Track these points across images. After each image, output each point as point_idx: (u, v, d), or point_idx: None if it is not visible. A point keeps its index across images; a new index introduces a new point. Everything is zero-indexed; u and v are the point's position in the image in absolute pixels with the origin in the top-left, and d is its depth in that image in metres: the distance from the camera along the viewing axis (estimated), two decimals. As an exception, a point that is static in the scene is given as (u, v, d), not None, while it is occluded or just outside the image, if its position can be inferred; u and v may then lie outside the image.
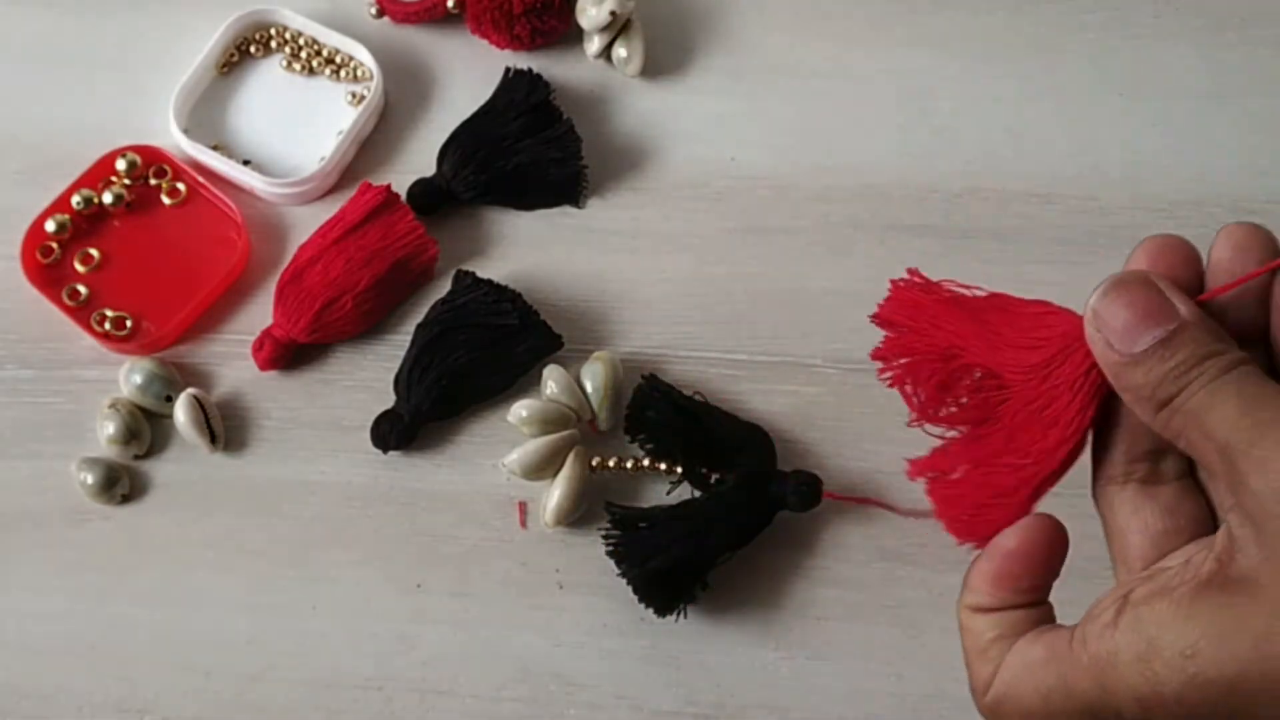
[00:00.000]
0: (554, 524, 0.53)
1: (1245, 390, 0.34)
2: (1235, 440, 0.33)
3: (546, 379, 0.54)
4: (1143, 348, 0.35)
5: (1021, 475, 0.39)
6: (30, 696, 0.51)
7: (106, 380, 0.56)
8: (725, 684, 0.51)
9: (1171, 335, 0.35)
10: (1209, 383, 0.34)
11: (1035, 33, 0.64)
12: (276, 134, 0.61)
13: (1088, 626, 0.35)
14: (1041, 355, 0.39)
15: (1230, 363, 0.35)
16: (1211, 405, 0.34)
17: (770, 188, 0.60)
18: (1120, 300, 0.36)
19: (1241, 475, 0.33)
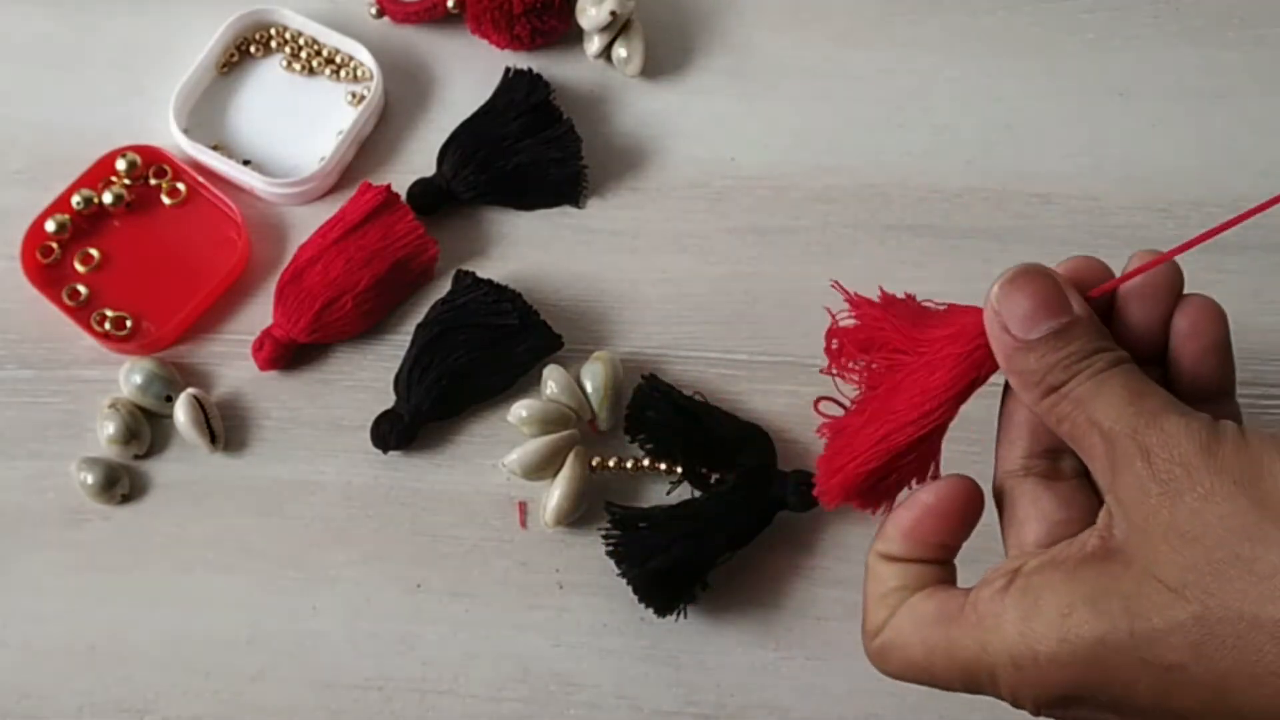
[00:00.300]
0: (554, 524, 0.53)
1: (1131, 383, 0.36)
2: (1120, 426, 0.36)
3: (546, 379, 0.54)
4: (1038, 335, 0.38)
5: (880, 433, 0.42)
6: (30, 696, 0.51)
7: (106, 380, 0.56)
8: (725, 684, 0.51)
9: (1066, 327, 0.38)
10: (1098, 373, 0.37)
11: (1035, 33, 0.64)
12: (276, 134, 0.61)
13: (980, 591, 0.37)
14: (943, 333, 0.42)
15: (1117, 358, 0.37)
16: (1099, 393, 0.36)
17: (770, 188, 0.60)
18: (1022, 289, 0.38)
19: (1122, 458, 0.35)
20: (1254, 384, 0.56)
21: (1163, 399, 0.36)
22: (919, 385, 0.42)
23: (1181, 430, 0.35)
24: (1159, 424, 0.35)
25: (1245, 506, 0.33)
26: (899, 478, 0.42)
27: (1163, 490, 0.34)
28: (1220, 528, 0.33)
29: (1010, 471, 0.41)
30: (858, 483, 0.42)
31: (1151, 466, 0.35)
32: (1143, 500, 0.35)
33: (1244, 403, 0.55)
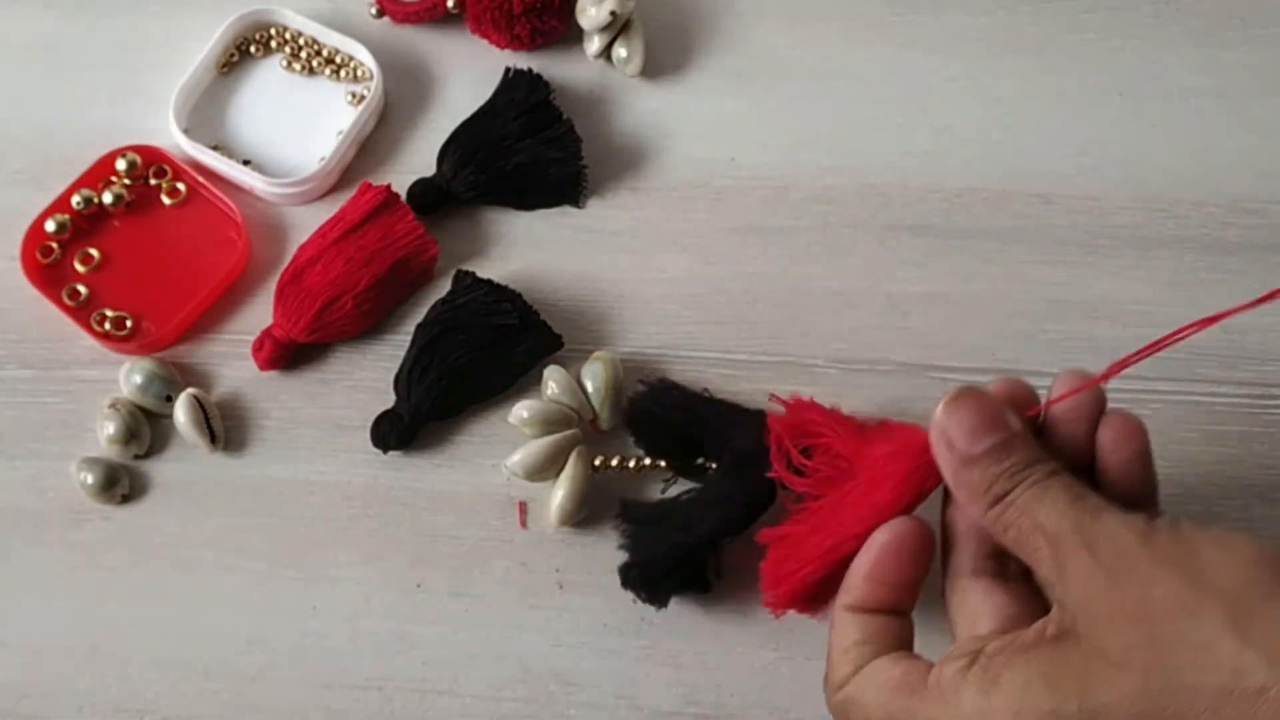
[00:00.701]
0: (559, 524, 0.53)
1: (1070, 488, 0.40)
2: (1064, 526, 0.39)
3: (547, 380, 0.54)
4: (982, 449, 0.41)
5: (826, 543, 0.45)
6: (30, 696, 0.51)
7: (106, 380, 0.56)
8: (725, 684, 0.51)
9: (1006, 441, 0.41)
10: (1038, 481, 0.40)
11: (1035, 33, 0.64)
12: (276, 134, 0.61)
13: (943, 668, 0.40)
14: (885, 450, 0.45)
15: (1054, 469, 0.41)
16: (1042, 499, 0.40)
17: (770, 188, 0.60)
18: (965, 407, 0.42)
19: (1068, 554, 0.38)
20: (1254, 384, 0.56)
21: (1099, 500, 0.40)
22: (865, 500, 0.45)
23: (1120, 524, 0.38)
24: (1100, 520, 0.39)
25: (1181, 586, 0.36)
26: (835, 579, 0.45)
27: (1107, 577, 0.37)
28: (1160, 607, 0.36)
29: (960, 573, 0.44)
30: (805, 590, 0.46)
31: (1096, 557, 0.38)
32: (1089, 587, 0.38)
33: (1244, 403, 0.56)
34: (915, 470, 0.44)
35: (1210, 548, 0.37)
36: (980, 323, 0.57)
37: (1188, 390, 0.56)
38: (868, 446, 0.46)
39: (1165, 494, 0.53)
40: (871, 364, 0.57)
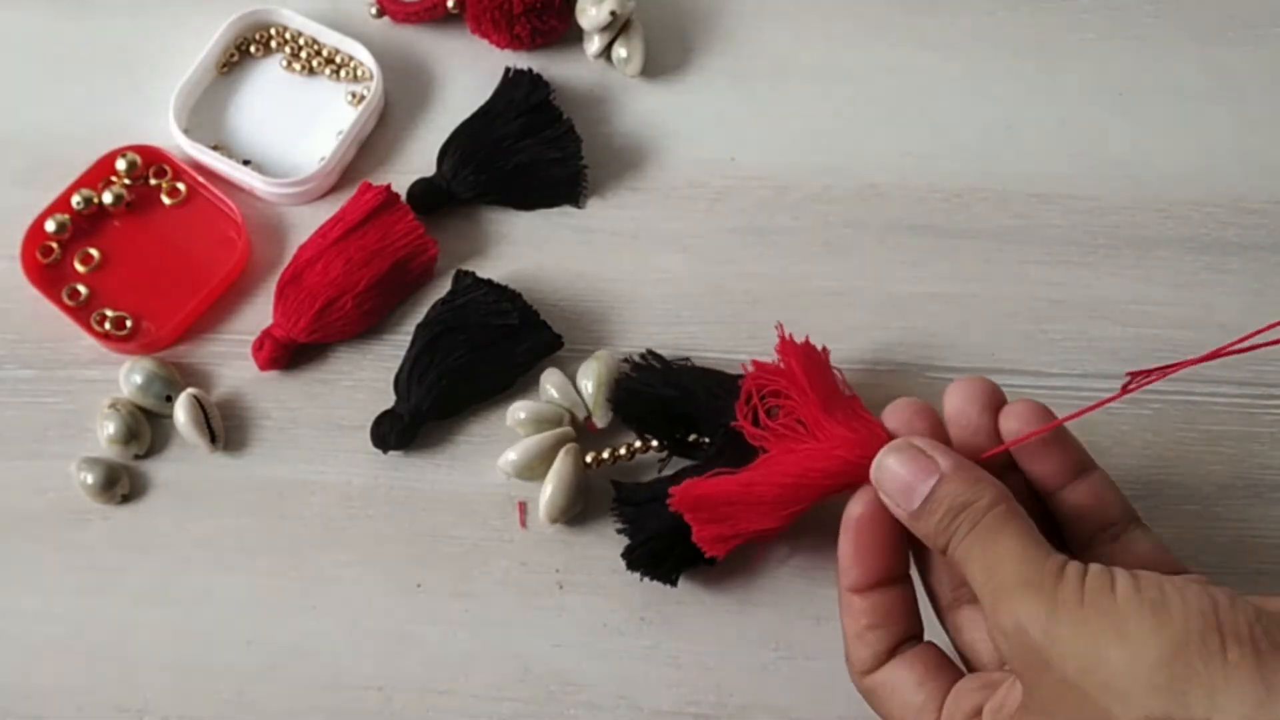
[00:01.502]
0: (549, 520, 0.53)
1: (990, 550, 0.40)
2: (982, 595, 0.40)
3: (544, 382, 0.55)
4: (917, 505, 0.42)
5: (748, 477, 0.47)
6: (30, 696, 0.51)
7: (106, 380, 0.56)
8: (725, 684, 0.51)
9: (933, 490, 0.42)
10: (963, 539, 0.41)
11: (1035, 33, 0.64)
12: (276, 134, 0.61)
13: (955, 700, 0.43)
14: (841, 433, 0.46)
15: (979, 512, 0.41)
16: (968, 559, 0.41)
17: (770, 188, 0.60)
18: (893, 465, 0.43)
19: (992, 625, 0.40)
20: (1254, 384, 0.56)
21: (1014, 565, 0.39)
22: (802, 464, 0.47)
23: (1023, 610, 0.38)
24: (1006, 605, 0.39)
25: (1085, 632, 0.37)
26: (742, 516, 0.47)
27: (1022, 655, 0.38)
28: (1069, 659, 0.37)
29: (947, 605, 0.46)
30: (706, 500, 0.47)
31: (1005, 638, 0.39)
32: (1011, 655, 0.39)
33: (1244, 403, 0.56)
34: (853, 467, 0.45)
35: (1133, 619, 0.36)
36: (980, 323, 0.57)
37: (1188, 390, 0.56)
38: (828, 420, 0.47)
39: (1166, 494, 0.54)
40: (871, 364, 0.57)
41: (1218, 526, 0.53)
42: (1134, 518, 0.45)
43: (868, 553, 0.45)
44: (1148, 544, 0.44)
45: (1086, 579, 0.38)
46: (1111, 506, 0.45)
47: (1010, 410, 0.44)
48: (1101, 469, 0.45)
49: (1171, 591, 0.37)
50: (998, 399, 0.45)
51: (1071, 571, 0.38)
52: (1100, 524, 0.45)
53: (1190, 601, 0.36)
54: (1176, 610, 0.36)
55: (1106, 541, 0.45)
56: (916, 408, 0.46)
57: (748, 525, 0.47)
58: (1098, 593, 0.37)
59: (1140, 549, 0.44)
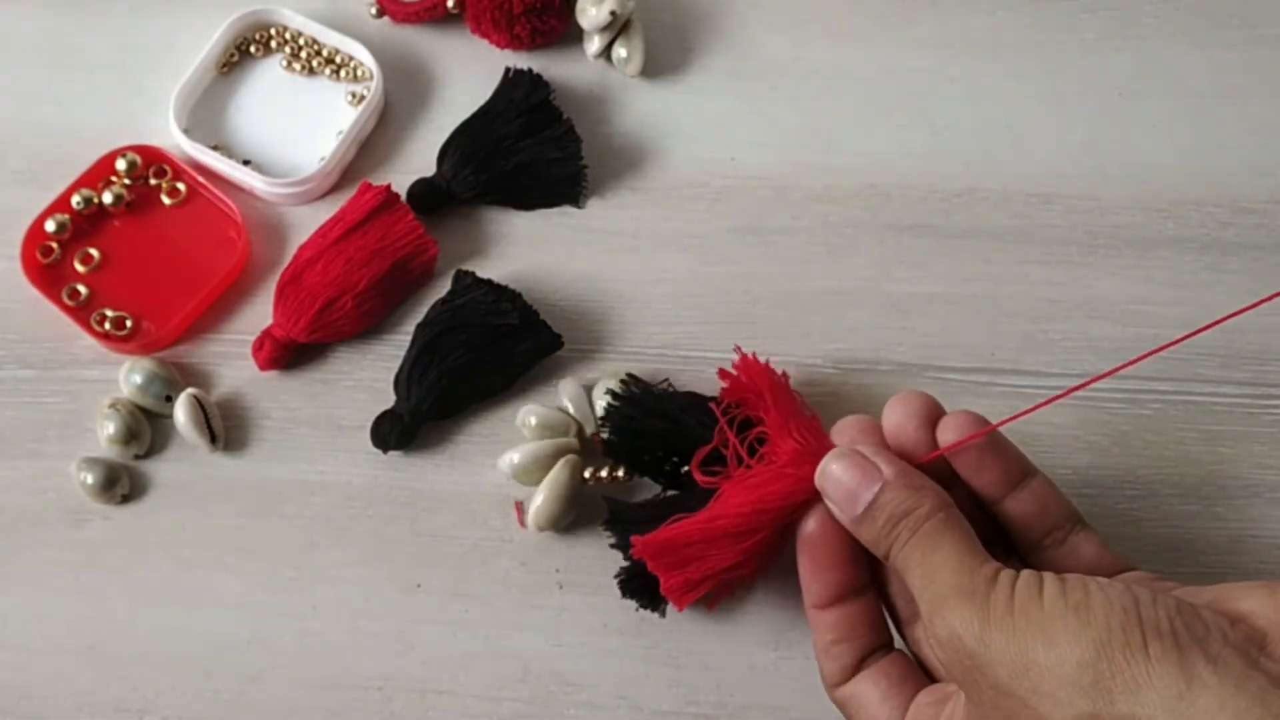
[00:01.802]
0: (539, 529, 0.53)
1: (928, 558, 0.41)
2: (921, 603, 0.41)
3: (561, 390, 0.55)
4: (860, 511, 0.43)
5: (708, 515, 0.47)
6: (30, 696, 0.51)
7: (106, 380, 0.56)
8: (725, 684, 0.51)
9: (875, 497, 0.43)
10: (903, 546, 0.42)
11: (1035, 33, 0.64)
12: (276, 134, 0.61)
13: None
14: (792, 448, 0.47)
15: (919, 519, 0.42)
16: (908, 566, 0.42)
17: (770, 188, 0.60)
18: (836, 472, 0.44)
19: (928, 627, 0.40)
20: (1254, 384, 0.56)
21: (949, 574, 0.40)
22: (758, 489, 0.47)
23: (957, 618, 0.39)
24: (941, 613, 0.40)
25: (1015, 638, 0.38)
26: (706, 555, 0.47)
27: (958, 660, 0.39)
28: (1000, 665, 0.38)
29: (906, 618, 0.47)
30: (667, 543, 0.47)
31: (942, 646, 0.40)
32: (945, 660, 0.40)
33: (1244, 403, 0.56)
34: (810, 479, 0.45)
35: (1058, 622, 0.37)
36: (980, 323, 0.57)
37: (1188, 390, 0.56)
38: (781, 437, 0.47)
39: (1165, 494, 0.54)
40: (871, 364, 0.57)
41: (1218, 526, 0.53)
42: (1078, 520, 0.46)
43: (825, 568, 0.45)
44: (1092, 546, 0.46)
45: (1017, 585, 0.39)
46: (1054, 511, 0.46)
47: (946, 422, 0.45)
48: (1042, 474, 0.46)
49: (1095, 591, 0.38)
50: (935, 413, 0.46)
51: (1004, 578, 0.39)
52: (1045, 529, 0.46)
53: (1113, 600, 0.37)
54: (1099, 610, 0.37)
55: (1053, 546, 0.46)
56: (862, 425, 0.46)
57: (713, 565, 0.47)
58: (1026, 598, 0.38)
59: (1085, 552, 0.45)
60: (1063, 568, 0.45)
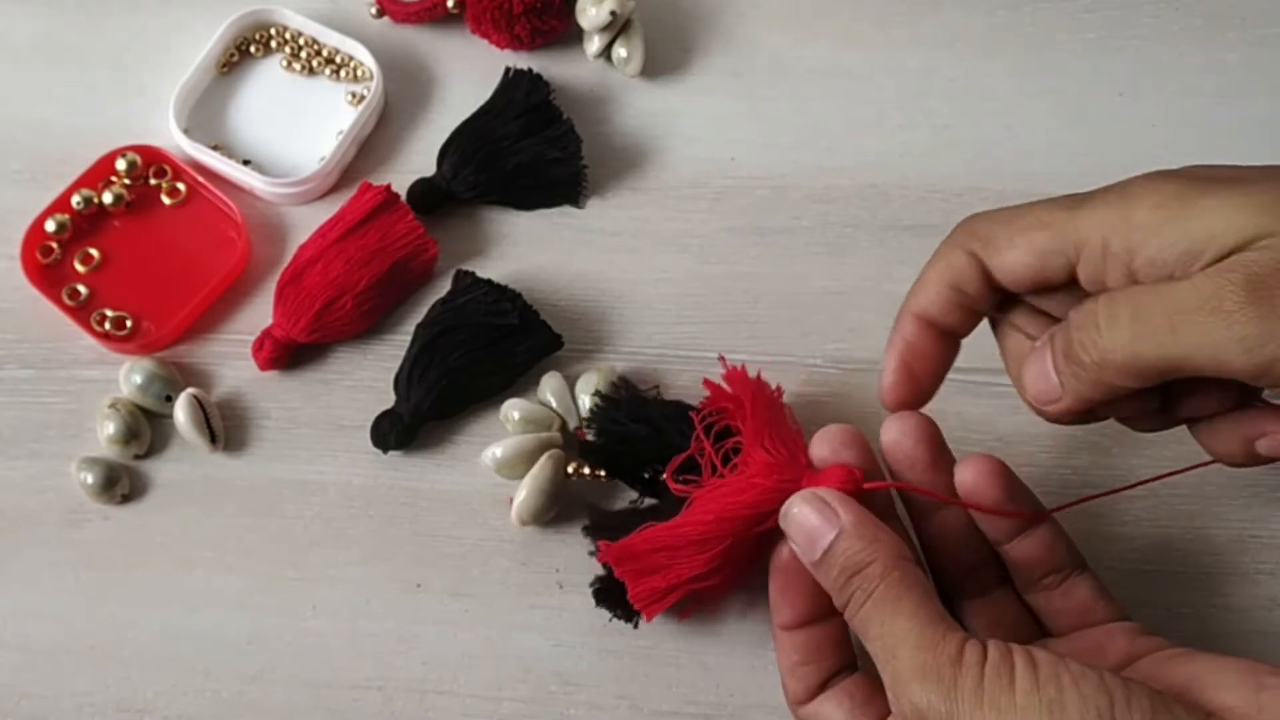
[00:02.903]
0: (521, 522, 0.53)
1: (886, 628, 0.40)
2: (883, 674, 0.40)
3: (543, 385, 0.55)
4: (818, 558, 0.43)
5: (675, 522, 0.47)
6: (30, 696, 0.51)
7: (106, 380, 0.56)
8: (725, 684, 0.51)
9: (831, 545, 0.42)
10: (859, 609, 0.41)
11: (1035, 32, 0.64)
12: (276, 134, 0.62)
13: None
14: (764, 460, 0.46)
15: (872, 580, 0.41)
16: (865, 632, 0.41)
17: (770, 188, 0.60)
18: (797, 515, 0.43)
19: (892, 702, 0.39)
20: (1254, 384, 0.56)
21: (910, 651, 0.39)
22: (726, 500, 0.46)
23: (923, 700, 0.38)
24: (905, 693, 0.39)
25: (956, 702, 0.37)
26: (671, 563, 0.47)
27: None
28: None
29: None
30: (633, 547, 0.47)
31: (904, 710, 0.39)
32: None
33: (1244, 403, 0.55)
34: (777, 491, 0.45)
35: None
36: (980, 323, 0.57)
37: (1188, 390, 0.56)
38: (755, 448, 0.47)
39: (1165, 494, 0.54)
40: (871, 364, 0.57)
41: (1218, 526, 0.53)
42: (1080, 564, 0.46)
43: (794, 593, 0.45)
44: (1088, 589, 0.46)
45: (986, 669, 0.38)
46: (1059, 556, 0.45)
47: (966, 464, 0.44)
48: (1052, 519, 0.46)
49: (1069, 688, 0.37)
50: (933, 433, 0.45)
51: (970, 658, 0.38)
52: (1045, 571, 0.45)
53: (1087, 700, 0.36)
54: (1073, 712, 0.36)
55: (1050, 587, 0.46)
56: (845, 436, 0.45)
57: (679, 573, 0.47)
58: (997, 688, 0.37)
59: (1080, 596, 0.45)
60: (1055, 608, 0.46)
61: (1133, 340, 0.40)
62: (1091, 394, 0.42)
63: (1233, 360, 0.38)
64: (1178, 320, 0.39)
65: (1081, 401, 0.42)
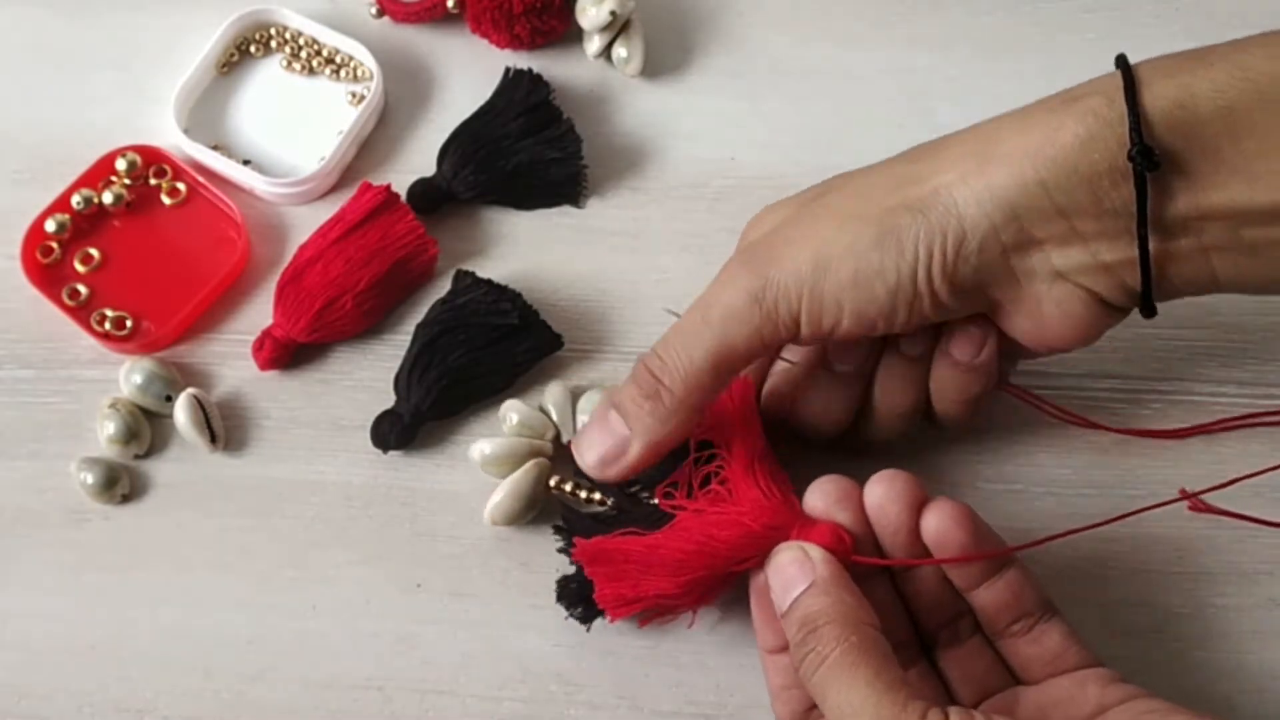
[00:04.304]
0: (493, 521, 0.53)
1: (842, 698, 0.39)
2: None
3: (547, 392, 0.55)
4: (786, 605, 0.43)
5: (651, 540, 0.47)
6: (30, 696, 0.51)
7: (106, 380, 0.56)
8: (725, 684, 0.51)
9: (800, 596, 0.42)
10: (813, 673, 0.41)
11: (1035, 32, 0.64)
12: (276, 134, 0.62)
13: None
14: (754, 497, 0.46)
15: (827, 644, 0.40)
16: (822, 701, 0.40)
17: (770, 188, 0.60)
18: (779, 562, 0.44)
19: None
20: (1254, 384, 0.56)
21: (858, 712, 0.39)
22: (706, 529, 0.46)
23: None
24: None
25: None
26: (642, 577, 0.47)
27: None
28: None
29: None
30: (605, 553, 0.47)
31: None
32: None
33: (1243, 402, 0.56)
34: (764, 535, 0.45)
35: None
36: (980, 323, 0.57)
37: (1187, 390, 0.56)
38: (746, 485, 0.46)
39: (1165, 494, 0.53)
40: (871, 364, 0.57)
41: (1218, 526, 0.53)
42: (1048, 608, 0.45)
43: (774, 620, 0.45)
44: (1057, 635, 0.45)
45: None
46: (1026, 601, 0.45)
47: (932, 510, 0.44)
48: (1020, 562, 0.45)
49: None
50: (920, 496, 0.45)
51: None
52: (1014, 617, 0.45)
53: None
54: None
55: (1020, 633, 0.45)
56: (839, 493, 0.45)
57: (649, 588, 0.47)
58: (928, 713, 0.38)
59: (1050, 642, 0.45)
60: (1026, 655, 0.45)
61: (685, 347, 0.46)
62: (671, 421, 0.46)
63: (752, 321, 0.45)
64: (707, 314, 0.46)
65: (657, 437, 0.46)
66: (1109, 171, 0.42)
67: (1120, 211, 0.42)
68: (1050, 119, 0.43)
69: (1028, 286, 0.45)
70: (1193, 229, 0.43)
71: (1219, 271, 0.44)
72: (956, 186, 0.44)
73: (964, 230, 0.43)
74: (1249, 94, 0.41)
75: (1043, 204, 0.43)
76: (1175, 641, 0.51)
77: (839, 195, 0.47)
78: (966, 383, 0.48)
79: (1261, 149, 0.41)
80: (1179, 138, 0.41)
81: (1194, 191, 0.42)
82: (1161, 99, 0.42)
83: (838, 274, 0.44)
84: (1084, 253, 0.44)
